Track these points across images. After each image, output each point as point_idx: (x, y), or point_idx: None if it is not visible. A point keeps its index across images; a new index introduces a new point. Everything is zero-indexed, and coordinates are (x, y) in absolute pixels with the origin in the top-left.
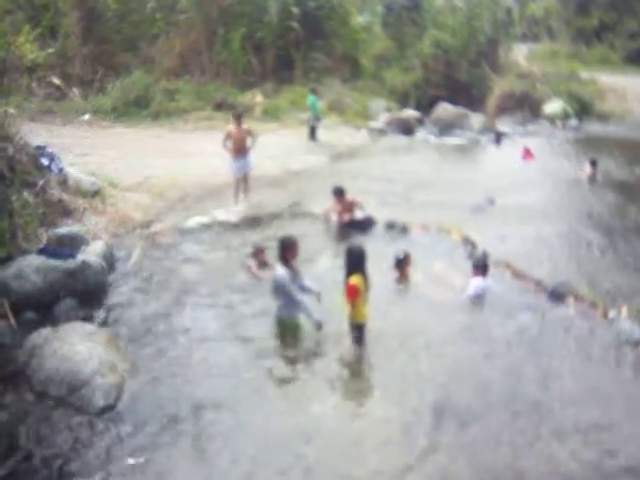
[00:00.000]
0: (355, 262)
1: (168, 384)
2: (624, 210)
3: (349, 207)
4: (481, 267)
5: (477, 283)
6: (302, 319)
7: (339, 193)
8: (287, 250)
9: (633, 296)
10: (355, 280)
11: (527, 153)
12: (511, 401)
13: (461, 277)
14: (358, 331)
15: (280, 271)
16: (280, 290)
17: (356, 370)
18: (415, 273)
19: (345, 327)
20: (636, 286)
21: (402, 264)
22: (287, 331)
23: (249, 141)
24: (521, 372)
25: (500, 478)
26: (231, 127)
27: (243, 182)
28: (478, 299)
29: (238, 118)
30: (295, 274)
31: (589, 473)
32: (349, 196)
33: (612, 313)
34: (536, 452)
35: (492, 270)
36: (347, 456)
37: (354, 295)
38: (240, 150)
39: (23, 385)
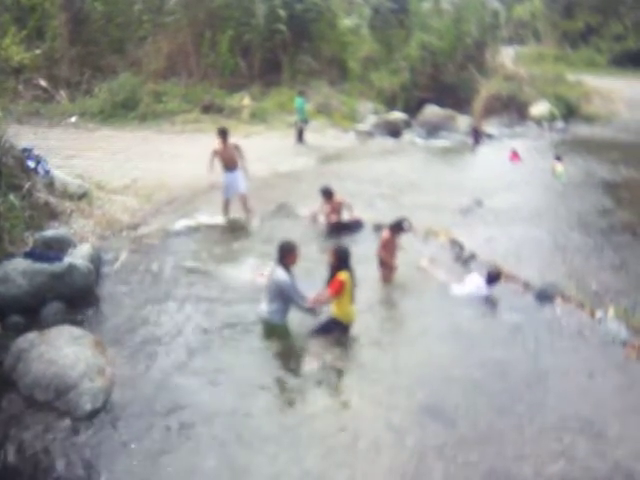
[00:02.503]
0: (343, 261)
1: (156, 388)
2: (611, 210)
3: (337, 208)
4: (494, 276)
5: (480, 284)
6: (291, 324)
7: (327, 194)
8: (288, 255)
9: (620, 296)
10: (344, 276)
11: (514, 155)
12: (499, 401)
13: (448, 275)
14: (340, 330)
15: (283, 276)
16: (279, 294)
17: (345, 371)
18: (402, 271)
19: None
20: (623, 286)
21: (396, 230)
22: (275, 335)
23: (238, 157)
24: (509, 372)
25: (489, 478)
26: (217, 144)
27: (242, 203)
28: (473, 299)
29: (223, 134)
30: (293, 279)
31: (578, 473)
32: (337, 197)
33: (599, 313)
34: (525, 452)
35: (480, 271)
36: (338, 459)
37: (339, 290)
38: (229, 165)
39: (9, 390)
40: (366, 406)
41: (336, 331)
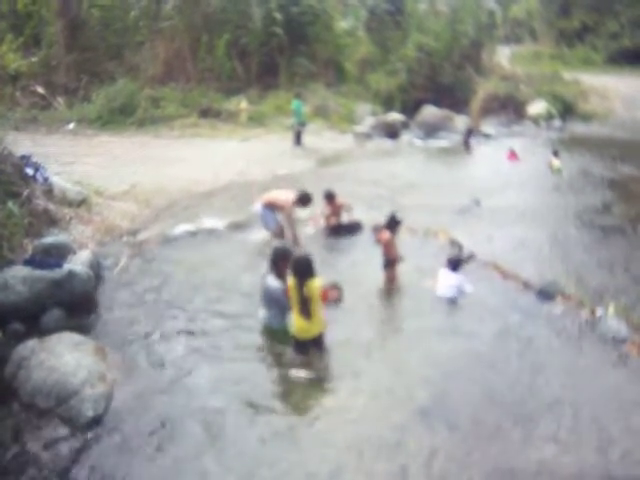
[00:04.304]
0: (295, 270)
1: (158, 393)
2: (609, 208)
3: (338, 210)
4: (455, 262)
5: (446, 274)
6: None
7: (330, 197)
8: (281, 261)
9: (620, 294)
10: (290, 281)
11: (512, 154)
12: (502, 399)
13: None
14: (298, 347)
15: (274, 283)
16: (273, 301)
17: (345, 372)
18: (403, 271)
19: (332, 331)
20: (623, 284)
21: (393, 227)
22: (277, 339)
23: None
24: (510, 372)
25: (492, 477)
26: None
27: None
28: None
29: (305, 201)
30: (285, 284)
31: (581, 471)
32: (339, 199)
33: (599, 311)
34: (527, 451)
35: (480, 271)
36: (342, 460)
37: (287, 291)
38: (268, 203)
39: (10, 397)
40: (369, 407)
41: (297, 349)
